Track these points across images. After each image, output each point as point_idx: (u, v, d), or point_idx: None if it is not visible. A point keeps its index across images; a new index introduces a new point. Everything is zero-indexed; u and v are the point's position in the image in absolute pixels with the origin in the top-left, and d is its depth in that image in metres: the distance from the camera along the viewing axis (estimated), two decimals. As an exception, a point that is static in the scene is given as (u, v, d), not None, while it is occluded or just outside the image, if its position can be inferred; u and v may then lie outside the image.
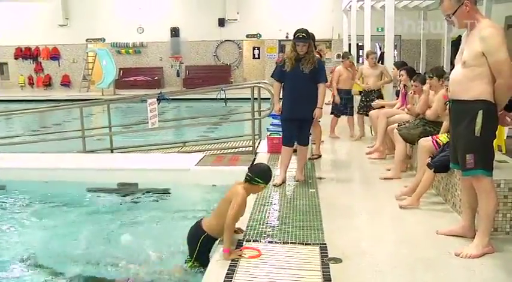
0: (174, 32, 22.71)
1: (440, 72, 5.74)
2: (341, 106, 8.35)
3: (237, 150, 8.21)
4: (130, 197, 6.24)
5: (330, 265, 3.44)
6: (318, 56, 5.92)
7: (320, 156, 6.84)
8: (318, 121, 6.61)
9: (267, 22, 22.09)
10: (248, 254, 3.64)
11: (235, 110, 12.85)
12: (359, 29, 13.90)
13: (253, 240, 3.92)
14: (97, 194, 6.35)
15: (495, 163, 3.62)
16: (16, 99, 19.61)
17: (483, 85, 3.42)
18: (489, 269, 3.38)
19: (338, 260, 3.53)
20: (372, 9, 12.29)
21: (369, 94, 8.17)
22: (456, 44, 13.29)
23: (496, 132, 3.81)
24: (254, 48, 23.95)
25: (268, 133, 7.41)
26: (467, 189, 3.76)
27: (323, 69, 5.62)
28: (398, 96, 7.53)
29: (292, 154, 5.73)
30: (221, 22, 22.64)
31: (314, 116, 5.53)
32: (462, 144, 3.54)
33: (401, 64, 8.03)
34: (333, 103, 8.48)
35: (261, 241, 3.90)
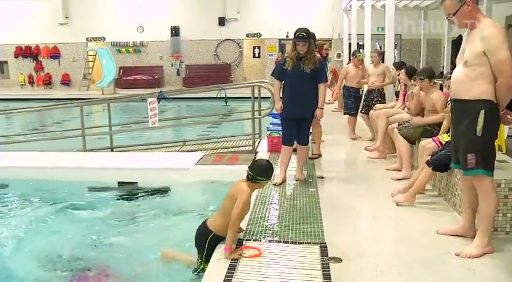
0: (174, 31, 22.70)
1: (431, 73, 5.73)
2: (350, 104, 8.31)
3: (237, 149, 8.20)
4: (130, 196, 6.24)
5: (330, 264, 3.44)
6: (319, 56, 5.92)
7: (320, 155, 6.83)
8: (318, 121, 6.60)
9: (267, 21, 22.08)
10: (248, 254, 3.63)
11: (235, 109, 12.84)
12: (359, 29, 13.90)
13: (253, 239, 3.91)
14: (97, 193, 6.35)
15: (495, 163, 3.61)
16: (16, 98, 19.61)
17: (485, 84, 3.41)
18: (489, 269, 3.38)
19: (338, 260, 3.53)
20: (372, 8, 12.30)
21: (370, 93, 8.16)
22: (457, 44, 13.31)
23: (498, 132, 3.80)
24: (254, 47, 23.95)
25: (268, 132, 7.40)
26: (468, 189, 3.75)
27: (324, 69, 5.62)
28: (397, 96, 7.54)
29: (292, 153, 5.73)
30: (221, 21, 22.63)
31: (315, 116, 5.52)
32: (463, 143, 3.54)
33: (400, 64, 8.03)
34: (344, 103, 8.44)
35: (261, 240, 3.90)
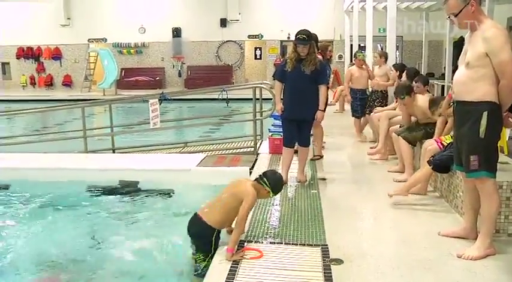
0: (176, 32, 22.72)
1: (408, 89, 5.76)
2: (356, 106, 8.29)
3: (239, 150, 8.20)
4: (131, 197, 6.24)
5: (332, 266, 3.44)
6: (320, 57, 5.91)
7: (322, 157, 6.83)
8: (319, 122, 6.59)
9: (269, 23, 22.08)
10: (250, 255, 3.63)
11: (236, 111, 12.84)
12: (361, 30, 13.90)
13: (254, 241, 3.92)
14: (98, 194, 6.34)
15: (497, 164, 3.60)
16: (18, 99, 19.62)
17: (487, 86, 3.40)
18: (491, 271, 3.37)
19: (339, 261, 3.53)
20: (374, 10, 12.28)
21: (373, 94, 8.14)
22: (458, 45, 13.29)
23: (500, 133, 3.80)
24: (256, 48, 23.95)
25: (269, 134, 7.40)
26: (470, 190, 3.75)
27: (325, 70, 5.61)
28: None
29: (293, 155, 5.73)
30: (223, 22, 22.64)
31: (316, 118, 5.52)
32: (466, 145, 3.53)
33: (400, 66, 8.04)
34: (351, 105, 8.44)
35: (263, 242, 3.90)
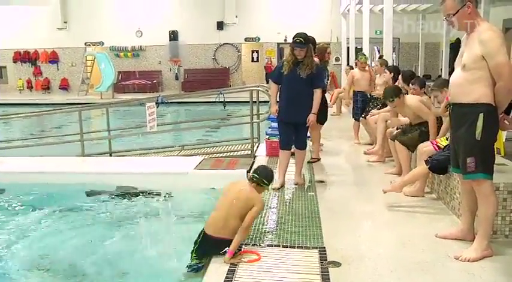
0: (173, 36, 22.73)
1: (397, 91, 5.77)
2: (356, 109, 8.28)
3: (236, 153, 8.18)
4: (128, 201, 6.22)
5: (329, 269, 3.45)
6: (317, 60, 5.91)
7: (319, 159, 6.83)
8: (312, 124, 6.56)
9: (266, 25, 22.12)
10: (248, 258, 3.63)
11: (234, 114, 12.84)
12: (358, 32, 13.93)
13: (252, 244, 3.91)
14: (96, 198, 6.32)
15: (494, 166, 3.61)
16: (15, 102, 19.59)
17: (483, 88, 3.41)
18: (488, 273, 3.37)
19: (337, 264, 3.53)
20: (370, 12, 12.32)
21: (374, 100, 8.04)
22: (455, 47, 13.36)
23: (497, 135, 3.80)
24: (253, 51, 23.98)
25: (266, 136, 7.40)
26: (467, 192, 3.75)
27: (321, 74, 5.59)
28: None
29: (290, 158, 5.72)
30: (220, 25, 22.67)
31: (308, 121, 5.46)
32: (463, 147, 3.54)
33: (394, 68, 8.08)
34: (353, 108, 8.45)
35: (260, 244, 3.90)
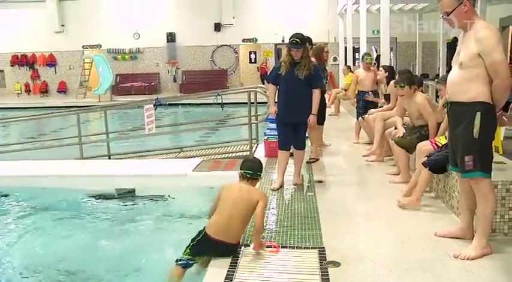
0: (170, 37, 22.70)
1: (410, 79, 5.71)
2: (359, 109, 8.31)
3: (234, 155, 8.19)
4: (127, 203, 6.22)
5: (329, 269, 3.45)
6: (314, 60, 5.91)
7: (318, 159, 6.83)
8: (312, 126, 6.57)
9: (263, 26, 22.10)
10: (269, 249, 3.77)
11: (232, 115, 12.84)
12: (355, 32, 13.95)
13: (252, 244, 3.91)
14: (95, 201, 6.33)
15: (492, 164, 3.61)
16: (13, 106, 19.55)
17: (480, 86, 3.42)
18: (488, 271, 3.38)
19: (336, 264, 3.53)
20: (367, 12, 12.32)
21: (376, 105, 8.07)
22: (452, 46, 13.37)
23: (495, 133, 3.81)
24: (250, 52, 23.96)
25: (265, 137, 7.40)
26: (466, 191, 3.76)
27: (319, 74, 5.58)
28: (386, 99, 7.55)
29: (289, 158, 5.72)
30: (217, 27, 22.65)
31: (308, 122, 5.48)
32: (461, 145, 3.54)
33: (389, 67, 8.10)
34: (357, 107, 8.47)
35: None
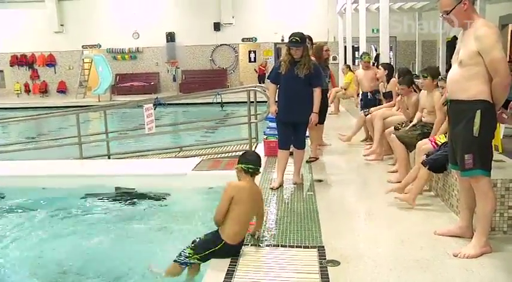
0: (170, 37, 22.71)
1: (435, 72, 5.69)
2: (363, 108, 8.29)
3: (234, 154, 8.19)
4: (127, 203, 6.23)
5: (328, 268, 3.44)
6: (313, 59, 5.90)
7: (317, 158, 6.83)
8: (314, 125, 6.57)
9: (263, 25, 22.12)
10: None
11: (231, 114, 12.84)
12: (354, 31, 13.94)
13: (251, 244, 3.91)
14: (94, 200, 6.33)
15: (492, 163, 3.61)
16: (12, 106, 19.59)
17: (480, 85, 3.42)
18: (487, 269, 3.38)
19: (336, 263, 3.53)
20: (367, 11, 12.32)
21: (378, 103, 8.06)
22: (451, 45, 13.39)
23: (495, 131, 3.81)
24: (250, 51, 23.99)
25: (264, 136, 7.40)
26: (465, 189, 3.75)
27: (320, 73, 5.58)
28: (385, 98, 7.56)
29: (288, 157, 5.72)
30: (216, 26, 22.67)
31: (310, 121, 5.49)
32: (460, 144, 3.54)
33: (387, 65, 8.10)
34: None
35: (259, 245, 3.89)
